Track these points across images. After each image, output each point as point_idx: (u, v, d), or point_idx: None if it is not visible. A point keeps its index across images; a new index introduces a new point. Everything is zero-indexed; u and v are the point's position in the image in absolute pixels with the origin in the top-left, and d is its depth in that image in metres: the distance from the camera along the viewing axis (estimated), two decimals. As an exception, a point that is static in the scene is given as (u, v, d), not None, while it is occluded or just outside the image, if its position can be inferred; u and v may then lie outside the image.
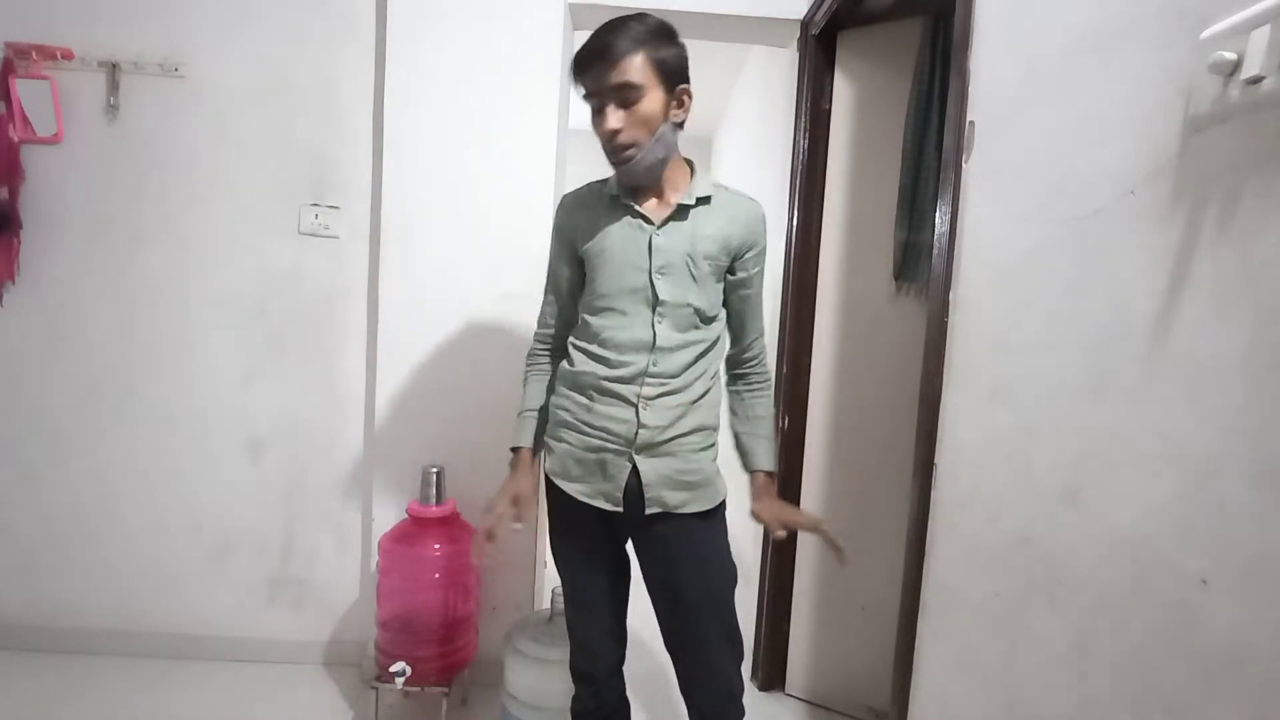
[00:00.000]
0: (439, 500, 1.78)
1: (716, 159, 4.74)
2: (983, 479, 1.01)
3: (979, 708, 0.99)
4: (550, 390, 1.28)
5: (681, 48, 1.11)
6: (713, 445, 1.19)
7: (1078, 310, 0.83)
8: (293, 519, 2.06)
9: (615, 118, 1.05)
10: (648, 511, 1.13)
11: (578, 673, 1.29)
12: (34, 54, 1.88)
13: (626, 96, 1.05)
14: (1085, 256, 0.82)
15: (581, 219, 1.20)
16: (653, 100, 1.06)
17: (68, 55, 1.90)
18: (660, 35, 1.07)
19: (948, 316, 1.12)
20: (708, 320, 1.17)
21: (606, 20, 1.08)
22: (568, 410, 1.19)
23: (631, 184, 1.15)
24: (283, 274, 1.99)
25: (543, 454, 1.28)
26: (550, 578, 2.09)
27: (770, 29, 2.00)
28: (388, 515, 1.88)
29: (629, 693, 1.34)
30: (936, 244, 1.17)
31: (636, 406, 1.11)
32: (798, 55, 1.97)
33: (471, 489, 1.93)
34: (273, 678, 1.99)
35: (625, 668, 1.31)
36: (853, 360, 1.89)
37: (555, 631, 1.59)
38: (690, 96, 1.13)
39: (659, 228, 1.13)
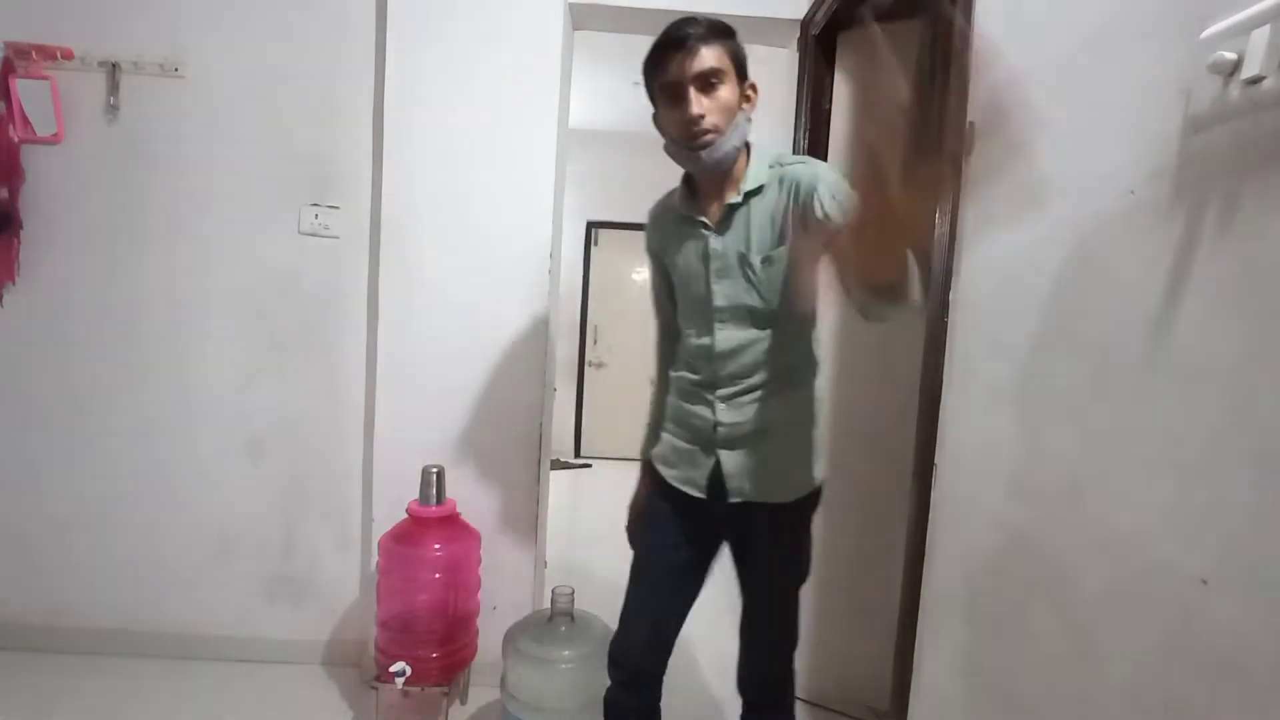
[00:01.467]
0: (439, 500, 1.78)
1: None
2: (983, 480, 1.01)
3: (979, 708, 0.99)
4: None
5: (731, 34, 1.11)
6: (800, 436, 1.18)
7: (1078, 310, 0.83)
8: (293, 519, 2.06)
9: (698, 103, 1.05)
10: (730, 500, 1.16)
11: (612, 657, 1.29)
12: (34, 54, 1.88)
13: (708, 82, 1.05)
14: (1085, 256, 0.82)
15: (659, 235, 1.25)
16: (731, 88, 1.07)
17: (68, 55, 1.90)
18: (729, 31, 1.09)
19: (948, 316, 1.12)
20: (771, 318, 1.12)
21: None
22: (672, 409, 1.26)
23: (706, 174, 1.13)
24: (283, 274, 1.99)
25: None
26: (550, 578, 2.10)
27: (770, 29, 2.00)
28: (388, 515, 1.88)
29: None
30: (936, 244, 1.17)
31: (713, 405, 1.16)
32: (798, 55, 1.97)
33: (471, 489, 1.94)
34: (273, 678, 1.99)
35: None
36: (853, 360, 1.89)
37: (555, 631, 1.60)
38: (756, 92, 1.13)
39: (716, 231, 1.13)
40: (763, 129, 2.69)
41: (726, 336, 1.14)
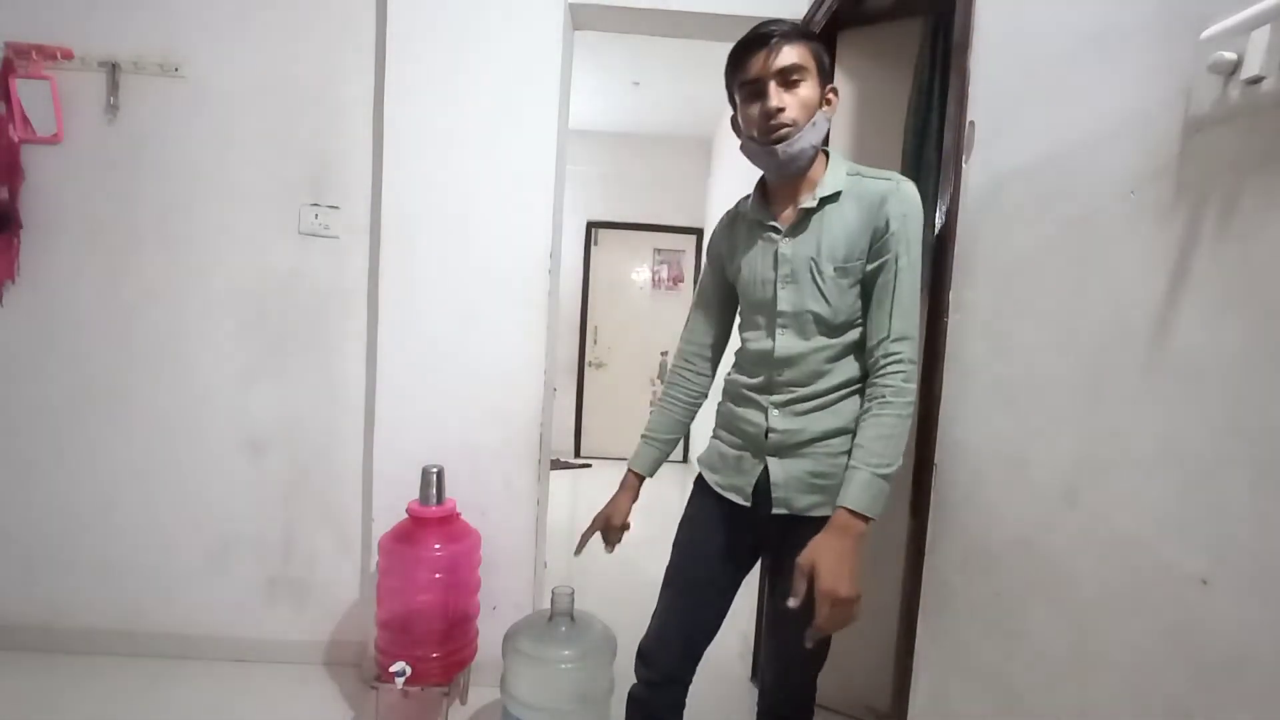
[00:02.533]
0: (439, 500, 1.78)
1: (716, 159, 4.74)
2: (982, 479, 1.01)
3: (979, 708, 0.99)
4: (683, 414, 1.34)
5: (813, 38, 1.12)
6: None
7: (1078, 310, 0.83)
8: (293, 519, 2.06)
9: (778, 97, 1.05)
10: (773, 511, 1.14)
11: (642, 656, 1.29)
12: (34, 54, 1.88)
13: (790, 78, 1.06)
14: (1085, 256, 0.82)
15: (727, 241, 1.24)
16: (812, 87, 1.07)
17: (68, 55, 1.90)
18: (813, 34, 1.11)
19: (947, 316, 1.12)
20: (834, 326, 1.10)
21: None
22: (722, 414, 1.25)
23: (781, 171, 1.12)
24: (283, 274, 2.00)
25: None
26: (550, 578, 2.10)
27: (770, 29, 1.99)
28: (388, 515, 1.88)
29: None
30: (937, 243, 1.17)
31: (767, 411, 1.14)
32: (798, 55, 1.97)
33: (471, 489, 1.94)
34: (273, 678, 1.99)
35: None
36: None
37: (555, 631, 1.59)
38: (837, 95, 1.12)
39: (786, 235, 1.12)
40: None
41: (787, 343, 1.12)
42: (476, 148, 1.91)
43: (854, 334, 1.11)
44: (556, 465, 4.77)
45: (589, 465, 5.11)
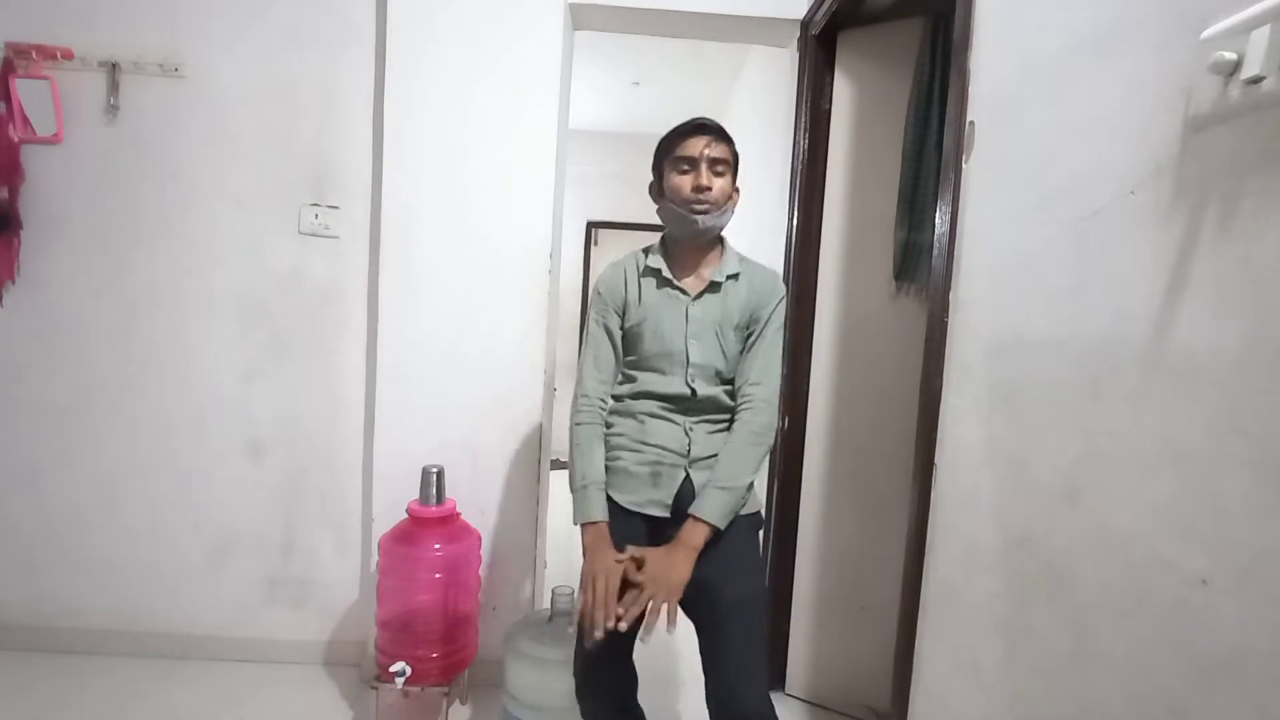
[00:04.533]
0: (439, 500, 1.78)
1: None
2: (983, 479, 1.01)
3: (979, 708, 0.99)
4: (602, 454, 1.33)
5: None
6: (755, 476, 1.29)
7: (1078, 310, 0.83)
8: (293, 519, 2.06)
9: (708, 178, 1.27)
10: (690, 512, 1.22)
11: (579, 689, 1.29)
12: (34, 54, 1.88)
13: (716, 168, 1.28)
14: (1085, 257, 0.82)
15: (633, 285, 1.35)
16: (729, 180, 1.31)
17: (68, 55, 1.90)
18: (732, 140, 1.32)
19: (948, 316, 1.12)
20: (727, 379, 1.32)
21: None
22: (623, 435, 1.32)
23: (692, 238, 1.31)
24: (283, 274, 1.99)
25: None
26: (550, 578, 2.10)
27: (770, 29, 2.00)
28: (388, 515, 1.88)
29: None
30: (936, 244, 1.17)
31: (685, 428, 1.29)
32: (797, 55, 1.97)
33: (471, 489, 1.94)
34: (273, 678, 1.99)
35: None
36: (853, 360, 1.89)
37: (555, 631, 1.59)
38: (739, 194, 1.34)
39: (694, 299, 1.30)
40: (763, 129, 2.70)
41: (703, 388, 1.29)
42: (477, 148, 1.91)
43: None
44: (556, 465, 4.77)
45: (589, 465, 5.10)
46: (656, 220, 1.35)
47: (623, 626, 1.12)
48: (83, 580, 2.05)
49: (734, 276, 1.32)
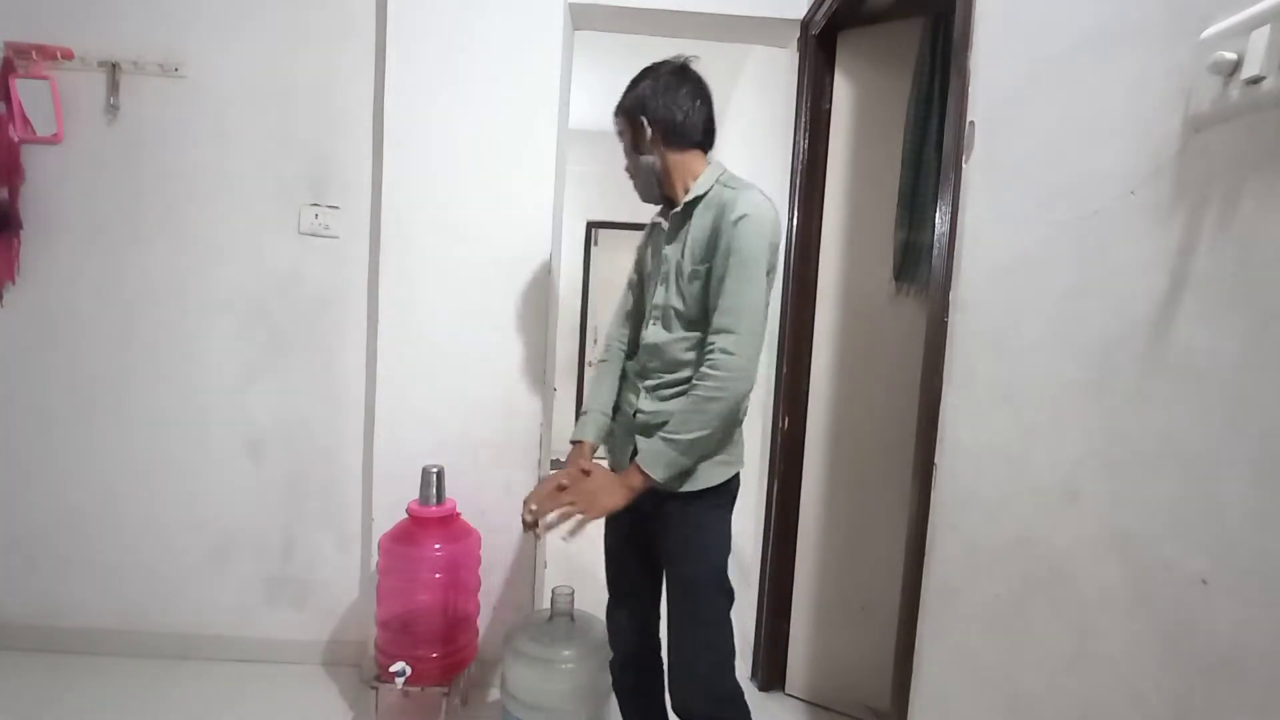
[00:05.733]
0: (439, 500, 1.78)
1: (716, 159, 4.73)
2: (983, 479, 1.01)
3: (979, 708, 0.99)
4: (614, 387, 1.40)
5: (642, 83, 1.26)
6: (709, 438, 1.17)
7: (1078, 310, 0.83)
8: (293, 519, 2.06)
9: (625, 158, 1.30)
10: None
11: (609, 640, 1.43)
12: (34, 54, 1.88)
13: (623, 143, 1.30)
14: (1085, 256, 0.82)
15: (645, 239, 1.40)
16: (629, 144, 1.29)
17: (68, 55, 1.90)
18: (626, 95, 1.27)
19: (948, 316, 1.12)
20: (691, 321, 1.21)
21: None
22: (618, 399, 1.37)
23: (646, 202, 1.34)
24: (283, 274, 2.00)
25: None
26: (550, 578, 2.10)
27: (770, 29, 2.00)
28: (388, 515, 1.88)
29: None
30: (936, 244, 1.17)
31: (639, 392, 1.27)
32: (798, 55, 1.97)
33: (471, 489, 1.94)
34: (273, 678, 1.99)
35: None
36: (853, 360, 1.89)
37: (555, 631, 1.59)
38: (648, 122, 1.24)
39: (668, 240, 1.26)
40: (763, 129, 2.70)
41: (654, 333, 1.25)
42: (477, 147, 1.91)
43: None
44: (556, 465, 4.76)
45: (589, 465, 5.10)
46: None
47: (529, 520, 1.23)
48: (83, 580, 2.05)
49: (696, 201, 1.21)
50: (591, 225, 5.18)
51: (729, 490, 1.26)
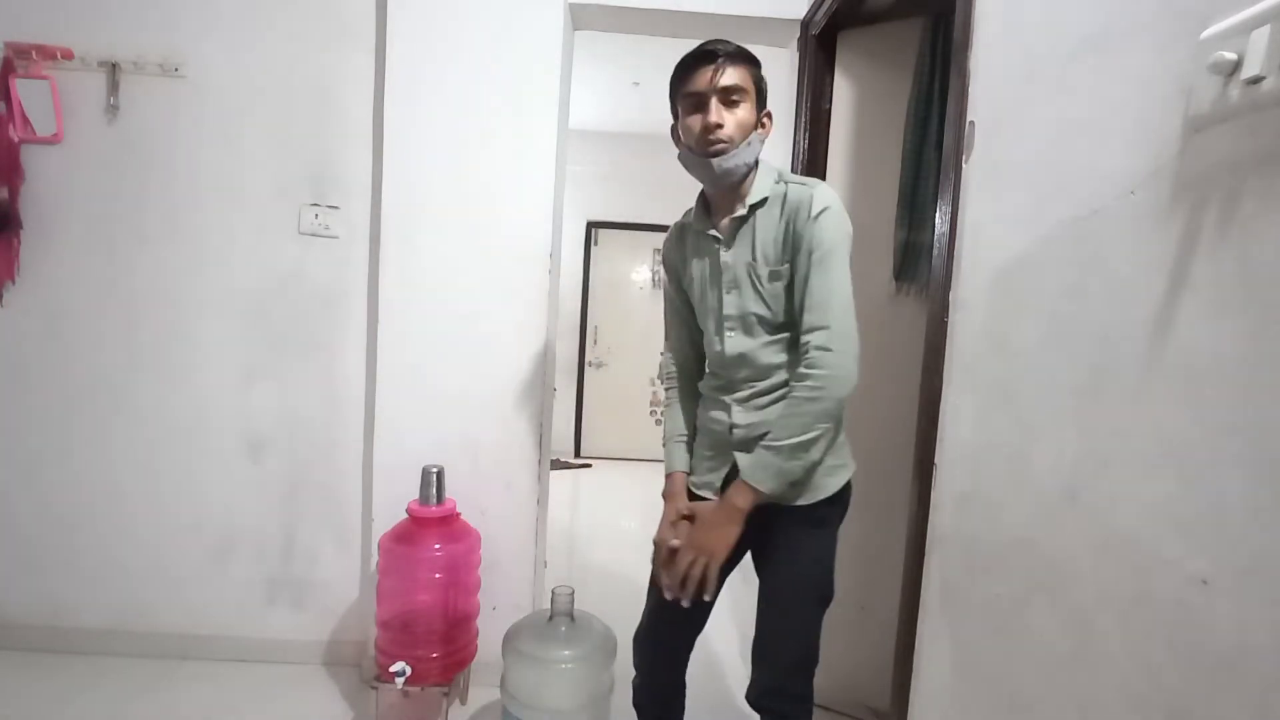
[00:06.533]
0: (439, 500, 1.78)
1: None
2: (983, 479, 1.01)
3: (979, 708, 0.99)
4: (689, 408, 1.34)
5: (756, 62, 1.17)
6: (815, 441, 1.11)
7: (1078, 310, 0.83)
8: (293, 519, 2.06)
9: (718, 113, 1.11)
10: None
11: (635, 641, 1.35)
12: (34, 54, 1.88)
13: (730, 97, 1.11)
14: (1085, 257, 0.82)
15: (677, 251, 1.29)
16: (749, 109, 1.13)
17: (68, 55, 1.90)
18: (755, 60, 1.15)
19: (948, 316, 1.12)
20: (777, 325, 1.16)
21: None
22: (700, 415, 1.30)
23: (715, 184, 1.18)
24: (283, 274, 2.00)
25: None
26: (550, 578, 2.10)
27: (770, 29, 2.00)
28: (388, 515, 1.88)
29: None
30: (936, 244, 1.17)
31: (729, 408, 1.20)
32: (798, 55, 1.97)
33: (471, 489, 1.94)
34: (273, 678, 1.99)
35: None
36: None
37: (555, 631, 1.59)
38: (771, 120, 1.19)
39: (725, 245, 1.19)
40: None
41: (735, 342, 1.19)
42: (477, 148, 1.91)
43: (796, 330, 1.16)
44: (556, 465, 4.77)
45: (589, 465, 5.10)
46: (657, 220, 1.34)
47: (670, 596, 1.12)
48: (83, 580, 2.05)
49: (762, 203, 1.15)
50: (591, 225, 5.18)
51: (843, 501, 1.21)
